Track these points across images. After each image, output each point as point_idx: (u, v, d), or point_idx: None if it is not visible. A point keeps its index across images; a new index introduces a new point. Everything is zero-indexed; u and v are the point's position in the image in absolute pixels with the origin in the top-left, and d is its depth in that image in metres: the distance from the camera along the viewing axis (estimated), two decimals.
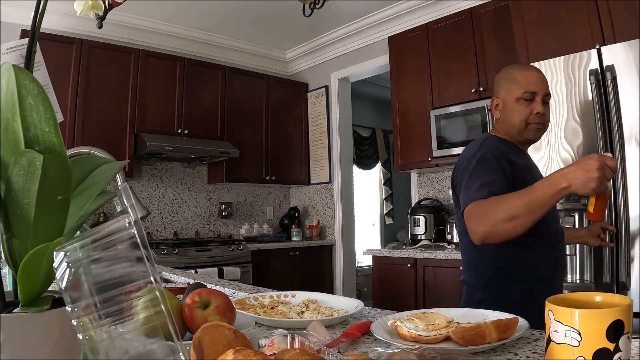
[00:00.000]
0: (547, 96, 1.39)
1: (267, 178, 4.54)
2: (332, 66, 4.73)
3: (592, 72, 2.09)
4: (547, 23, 2.47)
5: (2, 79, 0.45)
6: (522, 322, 0.79)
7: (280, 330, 0.66)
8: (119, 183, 1.41)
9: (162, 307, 0.42)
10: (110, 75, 3.64)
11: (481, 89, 3.10)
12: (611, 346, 0.50)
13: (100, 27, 1.64)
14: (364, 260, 5.62)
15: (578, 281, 2.15)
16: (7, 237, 0.46)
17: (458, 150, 3.12)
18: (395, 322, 0.80)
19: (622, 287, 1.96)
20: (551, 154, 2.23)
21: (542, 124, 1.39)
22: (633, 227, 1.95)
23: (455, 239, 3.21)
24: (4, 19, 3.30)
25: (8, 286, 0.59)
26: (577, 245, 2.11)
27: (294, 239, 4.57)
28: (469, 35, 3.21)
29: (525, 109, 1.36)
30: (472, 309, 0.93)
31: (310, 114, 4.92)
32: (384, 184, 6.33)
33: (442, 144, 3.29)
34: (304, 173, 4.86)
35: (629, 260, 1.94)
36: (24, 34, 3.27)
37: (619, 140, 2.00)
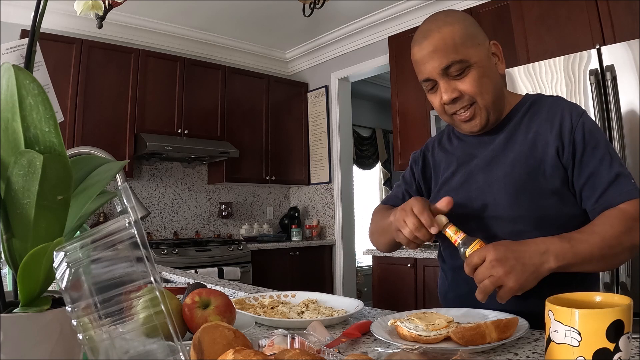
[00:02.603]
0: (453, 66, 0.94)
1: (267, 178, 4.54)
2: (332, 66, 4.73)
3: (592, 72, 2.09)
4: (547, 23, 2.47)
5: (2, 79, 0.45)
6: (522, 322, 0.79)
7: (280, 330, 0.66)
8: (119, 183, 1.41)
9: (162, 307, 0.42)
10: (110, 75, 3.64)
11: None
12: (611, 346, 0.50)
13: (100, 27, 1.65)
14: (364, 260, 5.61)
15: None
16: (7, 237, 0.46)
17: None
18: (395, 322, 0.80)
19: (622, 287, 1.96)
20: None
21: (465, 111, 0.97)
22: None
23: None
24: (4, 19, 3.30)
25: (8, 286, 0.59)
26: None
27: (294, 239, 4.57)
28: None
29: (434, 100, 1.01)
30: (472, 309, 0.93)
31: (310, 114, 4.92)
32: (384, 184, 6.33)
33: None
34: (304, 173, 4.86)
35: (629, 260, 1.94)
36: (24, 34, 3.27)
37: (619, 141, 2.00)
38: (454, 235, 0.88)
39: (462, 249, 0.87)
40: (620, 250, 0.87)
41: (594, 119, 2.07)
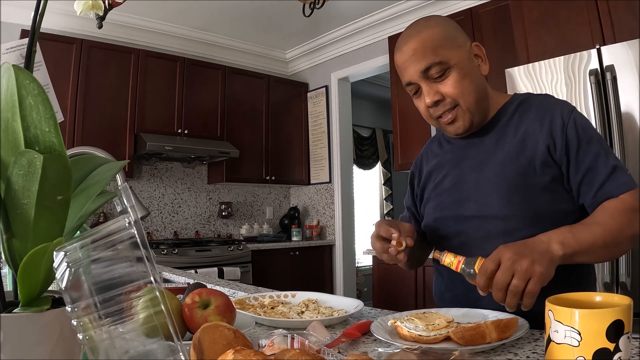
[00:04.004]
0: (433, 68, 0.95)
1: (267, 178, 4.54)
2: (332, 66, 4.73)
3: (592, 72, 2.09)
4: (547, 23, 2.47)
5: (2, 79, 0.45)
6: (522, 322, 0.79)
7: (280, 330, 0.66)
8: (119, 183, 1.41)
9: (162, 307, 0.42)
10: (110, 75, 3.64)
11: None
12: (611, 346, 0.50)
13: (100, 27, 1.65)
14: (364, 260, 5.61)
15: None
16: (7, 237, 0.46)
17: None
18: (395, 322, 0.80)
19: (622, 287, 1.96)
20: None
21: (448, 114, 0.99)
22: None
23: None
24: (4, 19, 3.30)
25: (8, 286, 0.59)
26: None
27: (294, 239, 4.57)
28: (468, 35, 3.21)
29: (419, 104, 1.03)
30: (472, 309, 0.93)
31: (310, 114, 4.92)
32: (384, 184, 6.33)
33: None
34: (304, 173, 4.86)
35: (629, 260, 1.94)
36: (24, 34, 3.27)
37: (618, 140, 2.00)
38: (454, 259, 0.86)
39: (467, 270, 0.84)
40: (623, 240, 0.87)
41: (594, 119, 2.07)
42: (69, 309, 0.42)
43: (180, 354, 0.43)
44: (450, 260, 0.86)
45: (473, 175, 1.04)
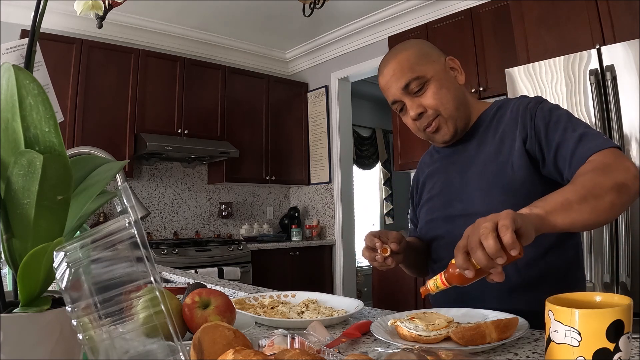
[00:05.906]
0: (412, 83, 1.04)
1: (267, 178, 4.54)
2: (332, 66, 4.73)
3: (592, 72, 2.09)
4: (547, 23, 2.47)
5: (2, 79, 0.45)
6: (522, 322, 0.79)
7: (280, 330, 0.66)
8: (119, 183, 1.41)
9: (162, 307, 0.42)
10: (110, 75, 3.64)
11: (481, 89, 3.10)
12: (611, 346, 0.50)
13: (100, 27, 1.64)
14: (364, 260, 5.61)
15: None
16: (7, 237, 0.46)
17: None
18: (395, 322, 0.80)
19: (622, 287, 1.96)
20: None
21: (432, 124, 1.07)
22: (633, 227, 1.95)
23: None
24: (4, 19, 3.30)
25: (8, 286, 0.59)
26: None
27: (294, 239, 4.57)
28: (469, 35, 3.22)
29: (407, 120, 1.11)
30: (472, 309, 0.93)
31: (310, 114, 4.92)
32: (384, 184, 6.33)
33: None
34: (304, 173, 4.86)
35: (629, 260, 1.94)
36: (24, 34, 3.27)
37: (618, 141, 2.00)
38: (438, 278, 0.79)
39: (450, 272, 0.78)
40: (604, 192, 0.81)
41: (594, 119, 2.07)
42: (69, 309, 0.42)
43: (180, 354, 0.43)
44: (434, 282, 0.80)
45: (458, 178, 1.11)
